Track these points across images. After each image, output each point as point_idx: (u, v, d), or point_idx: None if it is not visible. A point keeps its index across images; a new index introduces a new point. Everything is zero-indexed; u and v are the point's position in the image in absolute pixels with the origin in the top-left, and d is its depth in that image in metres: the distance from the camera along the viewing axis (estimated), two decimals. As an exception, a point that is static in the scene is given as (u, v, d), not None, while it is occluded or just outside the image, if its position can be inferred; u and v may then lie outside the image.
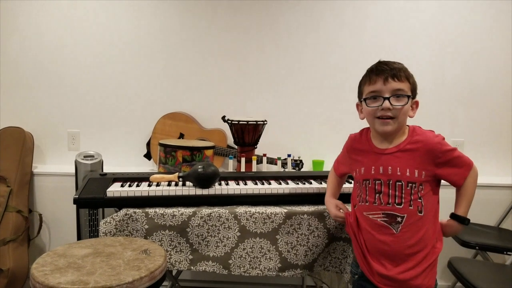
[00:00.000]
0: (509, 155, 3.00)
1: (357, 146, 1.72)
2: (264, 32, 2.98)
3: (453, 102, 2.99)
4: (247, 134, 2.47)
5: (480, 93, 2.97)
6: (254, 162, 2.40)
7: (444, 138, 1.58)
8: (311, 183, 2.11)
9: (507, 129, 2.99)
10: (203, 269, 1.89)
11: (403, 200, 1.55)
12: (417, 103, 1.62)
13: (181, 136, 2.88)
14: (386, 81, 1.53)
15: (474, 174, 1.60)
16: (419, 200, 1.54)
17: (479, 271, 2.14)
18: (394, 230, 1.55)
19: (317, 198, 2.01)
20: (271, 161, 2.78)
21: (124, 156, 3.05)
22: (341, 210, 1.78)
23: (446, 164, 1.56)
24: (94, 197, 1.90)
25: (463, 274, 2.06)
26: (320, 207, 1.96)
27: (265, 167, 2.51)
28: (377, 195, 1.59)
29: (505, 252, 2.43)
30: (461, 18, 2.93)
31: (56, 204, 2.86)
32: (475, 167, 1.60)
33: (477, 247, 2.49)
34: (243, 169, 2.42)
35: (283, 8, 2.96)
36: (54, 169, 2.93)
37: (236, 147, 2.60)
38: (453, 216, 1.62)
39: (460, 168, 1.58)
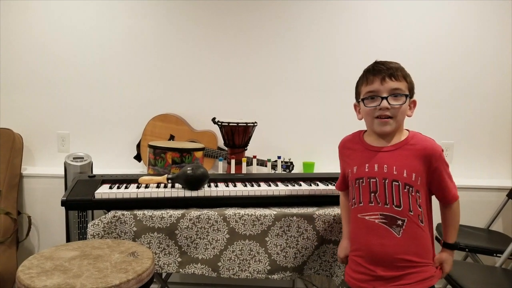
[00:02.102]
0: (499, 157, 3.02)
1: (349, 145, 1.70)
2: (255, 34, 2.98)
3: (443, 104, 2.99)
4: (237, 136, 2.46)
5: (470, 95, 2.98)
6: (244, 164, 2.40)
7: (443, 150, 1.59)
8: (300, 185, 2.11)
9: (497, 131, 3.00)
10: (192, 271, 1.88)
11: (402, 203, 1.51)
12: (414, 102, 1.62)
13: (171, 137, 2.87)
14: (383, 80, 1.53)
15: (458, 204, 1.64)
16: (419, 209, 1.52)
17: (469, 273, 2.14)
18: (395, 234, 1.52)
19: (307, 200, 2.01)
20: (261, 163, 2.77)
21: (114, 158, 3.03)
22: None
23: (438, 175, 1.55)
24: (82, 199, 1.89)
25: (453, 276, 2.06)
26: (310, 209, 1.95)
27: (255, 169, 2.51)
28: (373, 194, 1.55)
29: (495, 254, 2.44)
30: (449, 18, 2.93)
31: (45, 206, 2.84)
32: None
33: (467, 249, 2.49)
34: (233, 171, 2.41)
35: (275, 10, 2.96)
36: (44, 171, 2.91)
37: (226, 148, 2.59)
38: (447, 245, 1.66)
39: (451, 190, 1.59)
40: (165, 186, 2.02)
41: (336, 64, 2.98)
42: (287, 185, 2.10)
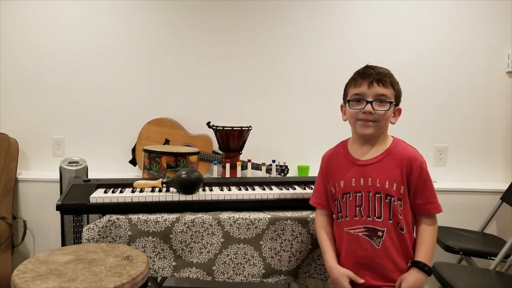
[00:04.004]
0: (493, 161, 3.03)
1: (334, 159, 1.72)
2: (249, 38, 3.00)
3: (436, 108, 3.01)
4: (232, 140, 2.47)
5: (464, 98, 3.00)
6: (239, 168, 2.40)
7: (426, 162, 1.60)
8: (295, 188, 2.12)
9: (491, 135, 3.02)
10: (187, 275, 1.88)
11: (382, 213, 1.55)
12: (399, 111, 1.64)
13: (167, 142, 2.88)
14: (370, 85, 1.55)
15: (436, 224, 1.60)
16: (400, 217, 1.55)
17: (463, 276, 2.15)
18: (375, 245, 1.56)
19: (301, 203, 2.00)
20: (256, 167, 2.78)
21: (109, 162, 3.04)
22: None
23: (416, 184, 1.56)
24: (77, 203, 1.89)
25: (447, 279, 2.07)
26: (304, 213, 1.96)
27: (250, 173, 2.51)
28: (358, 208, 1.59)
29: (489, 257, 2.45)
30: (442, 23, 2.96)
31: (41, 210, 2.84)
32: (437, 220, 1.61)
33: (461, 252, 2.50)
34: (228, 175, 2.42)
35: (268, 14, 2.98)
36: (39, 175, 2.91)
37: (221, 152, 2.60)
38: (413, 263, 1.55)
39: (429, 201, 1.57)
40: (160, 190, 2.02)
41: (330, 68, 3.00)
42: (282, 189, 2.10)
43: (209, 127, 2.54)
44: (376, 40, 2.98)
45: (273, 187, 2.14)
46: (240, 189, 2.08)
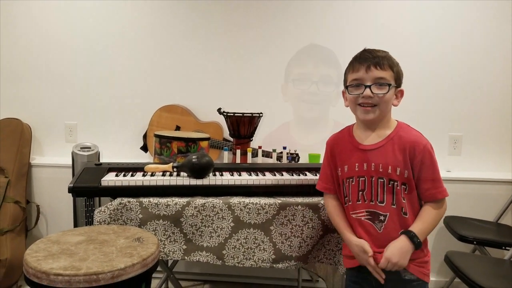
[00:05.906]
0: (508, 150, 2.98)
1: (338, 143, 1.70)
2: (260, 26, 2.97)
3: (452, 97, 2.96)
4: (242, 126, 2.46)
5: (480, 87, 2.95)
6: (249, 154, 2.40)
7: (431, 146, 1.56)
8: (306, 174, 2.11)
9: (506, 124, 2.96)
10: (197, 259, 1.89)
11: (385, 198, 1.54)
12: (402, 92, 1.61)
13: (177, 128, 2.88)
14: (368, 69, 1.53)
15: (442, 209, 1.56)
16: (403, 201, 1.53)
17: (477, 266, 2.12)
18: (377, 229, 1.56)
19: (312, 189, 1.99)
20: (267, 154, 2.77)
21: (120, 148, 3.05)
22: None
23: (420, 167, 1.53)
24: (88, 186, 1.90)
25: (460, 268, 2.04)
26: (315, 199, 1.95)
27: (261, 160, 2.50)
28: (360, 193, 1.59)
29: (503, 247, 2.42)
30: (455, 11, 2.91)
31: (54, 195, 2.87)
32: (446, 204, 1.57)
33: (475, 242, 2.47)
34: (238, 161, 2.41)
35: (280, 3, 2.95)
36: (52, 160, 2.94)
37: (232, 140, 2.59)
38: (403, 231, 1.53)
39: (433, 186, 1.53)
40: (171, 174, 2.03)
41: (340, 56, 2.97)
42: (292, 175, 2.09)
43: (220, 113, 2.54)
44: (390, 30, 2.93)
45: (284, 173, 2.14)
46: (250, 175, 2.08)
